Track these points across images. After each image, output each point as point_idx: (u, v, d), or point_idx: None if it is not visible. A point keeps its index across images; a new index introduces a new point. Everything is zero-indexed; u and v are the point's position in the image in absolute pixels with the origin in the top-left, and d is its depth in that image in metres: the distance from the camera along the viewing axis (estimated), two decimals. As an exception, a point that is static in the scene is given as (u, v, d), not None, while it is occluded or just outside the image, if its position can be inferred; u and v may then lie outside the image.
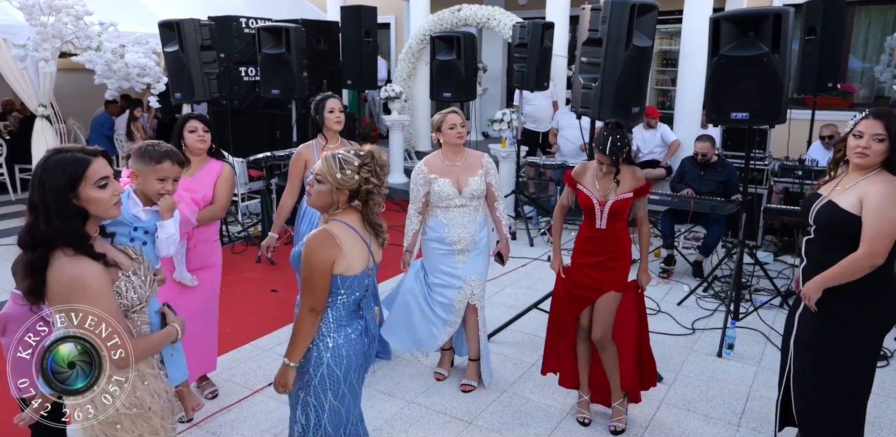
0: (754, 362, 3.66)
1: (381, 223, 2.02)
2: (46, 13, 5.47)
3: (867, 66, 7.77)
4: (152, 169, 2.20)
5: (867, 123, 2.22)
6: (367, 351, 2.07)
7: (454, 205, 3.18)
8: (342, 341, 1.99)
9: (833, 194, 2.31)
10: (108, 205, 1.64)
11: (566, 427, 3.01)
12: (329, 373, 1.98)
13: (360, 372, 2.07)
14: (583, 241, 2.96)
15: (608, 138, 2.73)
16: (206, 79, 5.47)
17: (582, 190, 2.89)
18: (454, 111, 3.20)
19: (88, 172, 1.60)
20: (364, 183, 1.92)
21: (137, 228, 2.18)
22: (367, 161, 1.93)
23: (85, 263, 1.56)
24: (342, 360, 1.99)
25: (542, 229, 6.41)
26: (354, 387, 2.06)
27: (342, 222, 1.96)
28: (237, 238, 6.00)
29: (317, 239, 1.92)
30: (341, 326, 2.00)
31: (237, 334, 3.97)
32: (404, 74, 8.48)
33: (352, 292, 1.99)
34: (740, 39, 3.57)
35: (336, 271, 1.92)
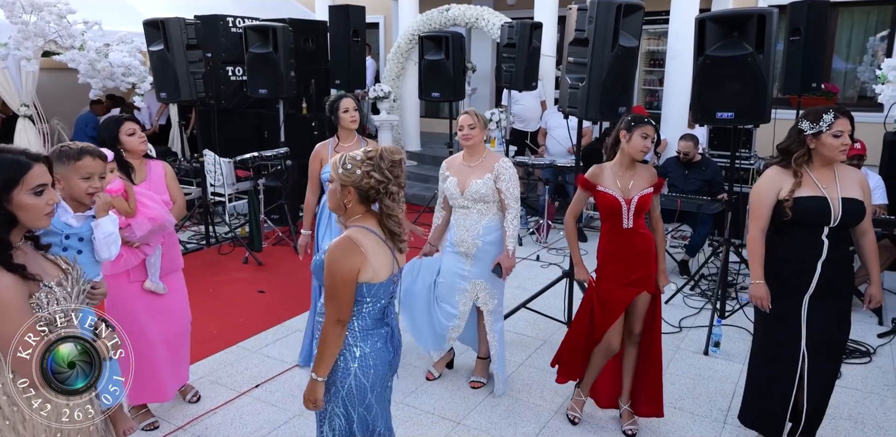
0: (740, 360, 3.69)
1: (397, 231, 1.91)
2: (28, 11, 5.40)
3: (850, 67, 7.87)
4: (73, 168, 2.06)
5: (842, 122, 2.39)
6: (392, 359, 2.01)
7: (458, 205, 3.18)
8: (369, 351, 1.92)
9: (843, 191, 2.44)
10: (40, 214, 1.55)
11: (554, 426, 3.02)
12: (357, 384, 1.92)
13: (386, 381, 2.01)
14: (610, 245, 2.85)
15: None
16: (192, 78, 5.42)
17: (604, 191, 2.80)
18: (466, 112, 3.17)
19: (26, 178, 1.51)
20: (366, 177, 1.83)
21: (69, 236, 2.07)
22: (370, 155, 1.84)
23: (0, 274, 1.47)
24: (370, 370, 1.92)
25: (530, 228, 6.43)
26: (382, 396, 2.00)
27: (364, 228, 1.89)
28: (224, 239, 5.96)
29: (340, 247, 1.84)
30: (368, 335, 1.93)
31: (224, 336, 3.94)
32: (393, 74, 8.47)
33: (377, 300, 1.92)
34: (725, 40, 3.60)
35: (361, 279, 1.85)
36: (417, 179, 8.15)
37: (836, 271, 2.47)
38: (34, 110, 6.00)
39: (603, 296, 2.85)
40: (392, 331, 2.01)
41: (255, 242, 5.67)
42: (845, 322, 2.55)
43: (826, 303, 2.50)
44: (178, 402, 3.18)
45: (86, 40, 5.79)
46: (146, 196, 2.68)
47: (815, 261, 2.45)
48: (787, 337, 2.55)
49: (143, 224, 2.62)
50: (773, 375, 2.63)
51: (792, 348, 2.54)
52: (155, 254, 2.82)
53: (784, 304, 2.54)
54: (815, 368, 2.53)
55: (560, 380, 3.07)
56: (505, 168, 3.11)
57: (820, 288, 2.47)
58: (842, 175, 2.48)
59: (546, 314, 4.13)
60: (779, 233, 2.54)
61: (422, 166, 8.44)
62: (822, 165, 2.47)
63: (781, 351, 2.57)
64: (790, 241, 2.51)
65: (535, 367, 3.59)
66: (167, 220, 2.73)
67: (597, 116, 3.52)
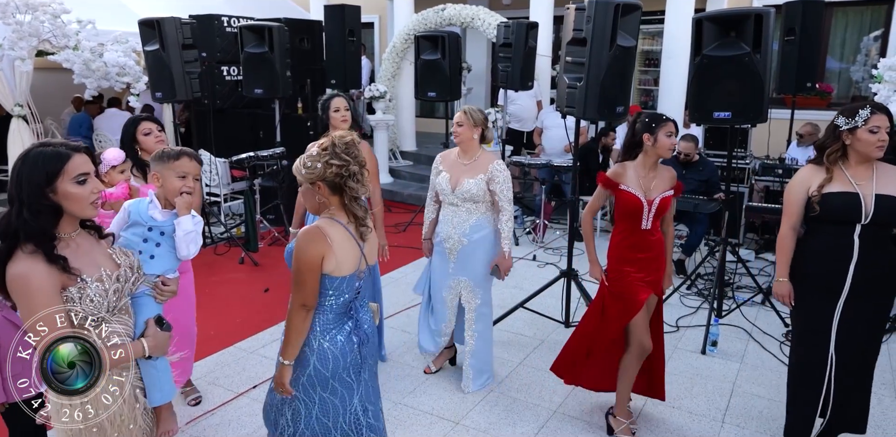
0: (737, 359, 3.70)
1: (360, 215, 1.97)
2: (22, 11, 5.36)
3: (844, 67, 7.91)
4: (171, 166, 2.16)
5: (879, 118, 2.34)
6: (358, 349, 2.04)
7: (447, 202, 3.18)
8: (328, 345, 1.98)
9: (878, 187, 2.37)
10: (85, 203, 1.59)
11: (553, 426, 3.02)
12: (315, 373, 1.99)
13: (353, 369, 2.04)
14: (624, 246, 2.81)
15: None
16: (188, 78, 5.40)
17: (627, 190, 2.75)
18: (462, 110, 3.15)
19: (68, 167, 1.56)
20: (327, 167, 1.88)
21: (152, 228, 2.14)
22: (324, 147, 1.90)
23: (36, 262, 1.52)
24: (328, 362, 1.99)
25: (527, 228, 6.43)
26: (347, 381, 2.04)
27: (334, 220, 1.95)
28: (220, 239, 5.93)
29: (307, 235, 1.91)
30: (327, 329, 1.99)
31: (220, 337, 3.92)
32: (388, 74, 8.46)
33: (340, 294, 1.98)
34: (722, 39, 3.61)
35: (325, 270, 1.91)
36: (413, 179, 8.14)
37: (873, 274, 2.38)
38: (28, 110, 5.96)
39: (618, 291, 2.81)
40: (358, 323, 2.05)
41: (251, 242, 5.65)
42: (879, 330, 2.49)
43: (861, 309, 2.42)
44: (176, 403, 3.15)
45: (80, 40, 5.76)
46: None
47: (846, 262, 2.38)
48: (816, 340, 2.49)
49: None
50: (802, 380, 2.58)
51: (820, 353, 2.48)
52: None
53: (815, 306, 2.48)
54: (841, 376, 2.48)
55: (568, 381, 3.07)
56: (499, 170, 3.08)
57: (855, 292, 2.40)
58: (881, 173, 2.40)
59: (543, 314, 4.13)
60: (810, 231, 2.50)
61: (417, 166, 8.43)
62: (859, 163, 2.41)
63: (810, 356, 2.52)
64: (821, 239, 2.45)
65: (533, 367, 3.59)
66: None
67: (595, 116, 3.52)
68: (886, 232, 2.41)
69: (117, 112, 7.74)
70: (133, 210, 2.12)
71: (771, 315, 4.24)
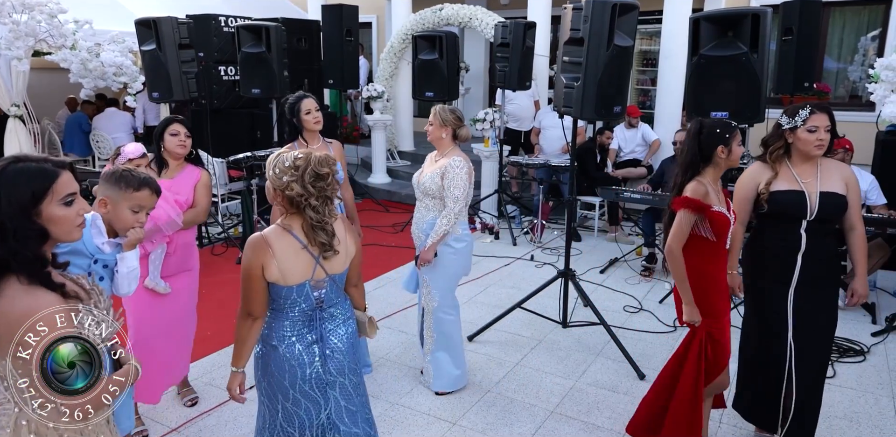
0: (733, 359, 3.69)
1: (323, 241, 1.87)
2: (19, 11, 5.35)
3: (842, 66, 7.92)
4: (128, 197, 2.00)
5: (819, 117, 2.43)
6: (321, 364, 1.96)
7: (417, 197, 3.21)
8: (284, 351, 1.94)
9: (822, 185, 2.47)
10: (72, 226, 1.44)
11: (550, 426, 3.01)
12: (275, 380, 1.97)
13: (317, 384, 1.98)
14: (708, 270, 2.50)
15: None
16: (185, 78, 5.39)
17: (717, 211, 2.43)
18: (433, 110, 3.18)
19: (56, 187, 1.39)
20: (288, 189, 1.82)
21: (98, 260, 1.98)
22: (297, 164, 1.82)
23: (41, 294, 1.36)
24: (285, 371, 1.95)
25: (524, 228, 6.43)
26: (311, 395, 1.98)
27: (283, 228, 1.90)
28: (217, 239, 5.92)
29: (250, 242, 1.90)
30: (284, 336, 1.95)
31: (217, 337, 3.91)
32: (386, 74, 8.45)
33: (293, 304, 1.93)
34: (720, 39, 3.61)
35: (270, 279, 1.88)
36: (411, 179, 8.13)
37: (819, 265, 2.49)
38: (25, 110, 5.94)
39: (717, 337, 2.51)
40: (322, 337, 1.97)
41: (248, 242, 5.64)
42: (831, 317, 2.58)
43: (811, 297, 2.52)
44: (173, 404, 3.15)
45: (77, 40, 5.75)
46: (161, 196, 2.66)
47: (794, 254, 2.48)
48: (774, 329, 2.58)
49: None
50: (762, 366, 2.66)
51: (779, 341, 2.56)
52: (156, 252, 2.79)
53: (769, 295, 2.57)
54: (801, 361, 2.55)
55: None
56: (452, 166, 3.03)
57: (803, 281, 2.49)
58: (825, 170, 2.51)
59: (541, 314, 4.13)
60: (760, 226, 2.61)
61: (415, 166, 8.42)
62: (804, 161, 2.51)
63: (770, 343, 2.60)
64: (770, 234, 2.56)
65: (530, 367, 3.59)
66: (171, 220, 2.74)
67: (592, 116, 3.52)
68: (830, 225, 2.53)
69: (116, 112, 7.73)
70: None
71: (768, 315, 4.24)
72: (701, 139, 2.45)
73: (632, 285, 4.93)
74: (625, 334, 3.94)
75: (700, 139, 2.46)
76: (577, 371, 3.54)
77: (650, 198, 5.14)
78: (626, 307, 4.48)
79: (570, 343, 3.88)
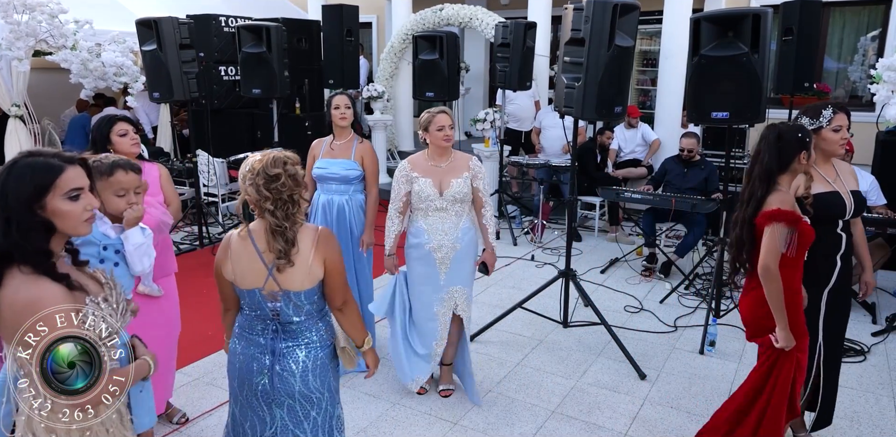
0: (735, 359, 3.70)
1: (280, 247, 1.79)
2: (20, 11, 5.36)
3: (842, 67, 7.92)
4: (107, 184, 1.98)
5: (841, 117, 2.45)
6: (267, 379, 1.88)
7: (433, 208, 3.02)
8: (239, 351, 1.95)
9: (844, 185, 2.51)
10: (79, 221, 1.45)
11: (551, 427, 3.01)
12: (230, 377, 2.00)
13: (263, 397, 1.91)
14: (795, 285, 2.34)
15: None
16: (185, 78, 5.40)
17: (806, 221, 2.27)
18: (444, 111, 3.04)
19: (59, 181, 1.41)
20: (246, 193, 1.81)
21: (107, 246, 1.98)
22: (253, 168, 1.79)
23: (44, 284, 1.38)
24: (235, 371, 1.96)
25: (525, 228, 6.43)
26: (256, 406, 1.93)
27: (248, 233, 1.88)
28: (217, 239, 5.92)
29: (224, 239, 1.93)
30: (242, 335, 1.96)
31: (218, 337, 3.89)
32: (386, 74, 8.45)
33: (251, 309, 1.92)
34: (720, 39, 3.61)
35: (226, 277, 1.92)
36: (412, 179, 8.12)
37: (847, 263, 2.53)
38: (25, 110, 5.95)
39: (802, 358, 2.39)
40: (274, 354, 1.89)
41: (249, 242, 5.64)
42: (847, 315, 2.63)
43: (838, 296, 2.55)
44: (175, 403, 3.15)
45: (77, 40, 5.75)
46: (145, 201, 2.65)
47: (835, 255, 2.50)
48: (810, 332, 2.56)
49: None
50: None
51: (811, 341, 2.55)
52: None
53: (809, 300, 2.54)
54: (828, 358, 2.60)
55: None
56: (480, 167, 3.12)
57: (838, 281, 2.52)
58: (840, 169, 2.57)
59: (542, 314, 4.13)
60: None
61: (416, 166, 8.42)
62: (824, 161, 2.55)
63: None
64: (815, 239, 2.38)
65: (531, 367, 3.59)
66: (162, 223, 2.69)
67: (593, 116, 3.52)
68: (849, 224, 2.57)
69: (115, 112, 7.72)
70: None
71: (769, 315, 4.24)
72: (781, 147, 2.29)
73: (632, 285, 4.94)
74: (625, 334, 3.95)
75: (780, 147, 2.29)
76: (578, 371, 3.54)
77: (650, 198, 5.14)
78: (627, 307, 4.48)
79: (570, 343, 3.89)
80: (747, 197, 2.35)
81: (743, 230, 2.35)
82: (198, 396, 3.24)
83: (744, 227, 2.34)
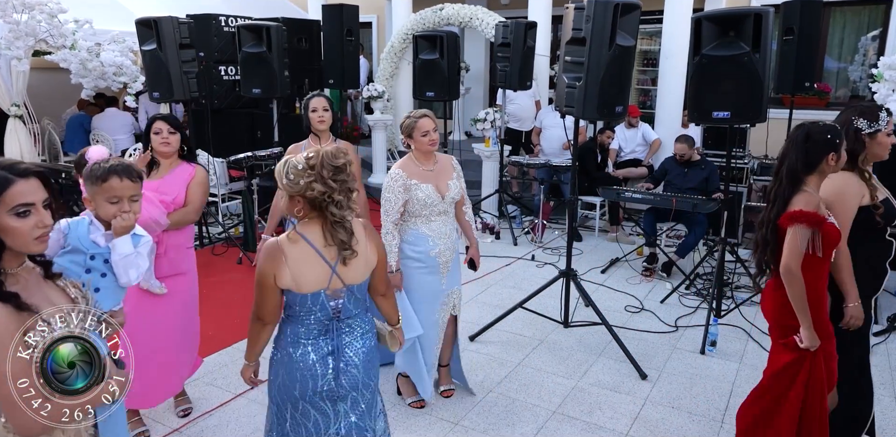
0: (736, 359, 3.70)
1: (344, 239, 1.83)
2: (19, 11, 5.35)
3: (842, 66, 7.92)
4: (100, 190, 1.91)
5: (891, 120, 2.36)
6: (333, 377, 1.91)
7: (436, 212, 2.94)
8: (298, 359, 1.90)
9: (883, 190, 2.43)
10: (28, 238, 1.35)
11: (552, 427, 3.01)
12: (286, 389, 1.93)
13: (328, 396, 1.93)
14: (824, 288, 2.30)
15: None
16: (185, 78, 5.39)
17: (833, 224, 2.22)
18: (426, 115, 2.89)
19: (5, 196, 1.32)
20: (309, 190, 1.77)
21: (95, 256, 1.90)
22: (312, 164, 1.77)
23: None
24: (296, 380, 1.91)
25: (525, 228, 6.42)
26: (321, 407, 1.94)
27: (299, 235, 1.86)
28: (217, 239, 5.92)
29: (265, 249, 1.86)
30: (298, 343, 1.91)
31: (219, 337, 3.91)
32: (386, 74, 8.45)
33: (309, 312, 1.89)
34: (721, 39, 3.61)
35: (283, 286, 1.84)
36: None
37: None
38: (25, 110, 5.94)
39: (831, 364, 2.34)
40: (339, 349, 1.92)
41: (249, 242, 5.63)
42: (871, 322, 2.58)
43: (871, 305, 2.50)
44: (172, 404, 3.15)
45: (77, 40, 5.75)
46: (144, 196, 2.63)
47: (884, 261, 2.43)
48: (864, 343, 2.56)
49: None
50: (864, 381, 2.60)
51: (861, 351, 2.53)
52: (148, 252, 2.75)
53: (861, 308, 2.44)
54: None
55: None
56: (459, 166, 3.10)
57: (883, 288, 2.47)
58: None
59: (542, 314, 4.12)
60: (856, 241, 2.35)
61: (416, 166, 8.41)
62: (867, 166, 2.44)
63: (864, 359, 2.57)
64: (869, 247, 2.38)
65: (532, 367, 3.58)
66: (154, 221, 2.63)
67: (594, 116, 3.51)
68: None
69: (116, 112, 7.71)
70: (71, 234, 1.88)
71: (770, 315, 4.24)
72: (808, 148, 2.22)
73: (633, 285, 4.93)
74: (626, 334, 3.94)
75: (807, 148, 2.22)
76: (579, 371, 3.54)
77: (651, 198, 5.14)
78: (628, 307, 4.48)
79: (571, 343, 3.88)
80: (773, 197, 2.29)
81: (767, 230, 2.30)
82: (197, 396, 3.23)
83: (768, 227, 2.29)
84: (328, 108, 3.35)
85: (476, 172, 7.03)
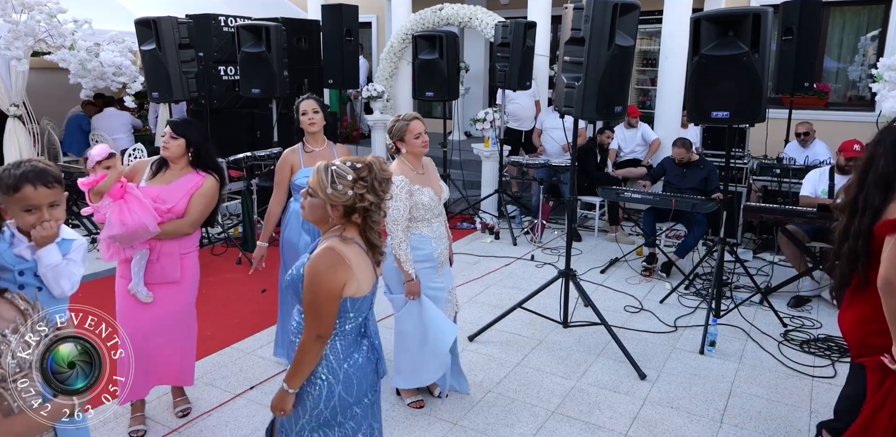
0: (736, 359, 3.70)
1: (378, 243, 1.86)
2: (18, 11, 5.35)
3: (842, 66, 7.92)
4: (13, 200, 1.76)
5: None
6: (376, 368, 1.98)
7: (435, 214, 2.95)
8: (353, 370, 1.86)
9: None
10: None
11: (552, 427, 3.01)
12: (341, 403, 1.86)
13: (371, 388, 1.95)
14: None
15: None
16: (185, 78, 5.40)
17: None
18: (416, 117, 2.88)
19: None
20: (359, 200, 1.75)
21: (24, 271, 1.81)
22: (363, 175, 1.74)
23: None
24: (353, 389, 1.87)
25: (524, 228, 6.42)
26: (365, 403, 1.94)
27: (348, 238, 1.81)
28: (217, 240, 5.92)
29: (325, 260, 1.75)
30: (350, 353, 1.87)
31: (217, 338, 3.91)
32: (386, 74, 8.44)
33: (359, 315, 1.87)
34: (720, 39, 3.61)
35: (346, 294, 1.78)
36: (411, 179, 8.11)
37: None
38: (24, 110, 5.94)
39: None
40: (372, 340, 1.96)
41: (248, 242, 5.63)
42: None
43: None
44: (171, 405, 3.14)
45: (76, 40, 5.75)
46: (138, 201, 2.62)
47: None
48: None
49: (113, 225, 2.56)
50: None
51: None
52: (135, 259, 2.71)
53: None
54: None
55: None
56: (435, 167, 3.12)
57: None
58: None
59: (542, 314, 4.12)
60: None
61: (416, 166, 8.41)
62: None
63: None
64: None
65: (531, 367, 3.58)
66: (143, 228, 2.59)
67: (593, 116, 3.51)
68: None
69: (115, 111, 7.71)
70: None
71: (769, 315, 4.24)
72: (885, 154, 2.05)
73: (632, 285, 4.93)
74: (625, 334, 3.94)
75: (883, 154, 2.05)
76: (578, 371, 3.54)
77: (650, 198, 5.14)
78: (627, 307, 4.48)
79: (570, 343, 3.88)
80: (861, 206, 2.09)
81: (858, 242, 2.10)
82: (197, 396, 3.23)
83: (859, 238, 2.09)
84: (318, 110, 3.27)
85: (475, 173, 7.04)
